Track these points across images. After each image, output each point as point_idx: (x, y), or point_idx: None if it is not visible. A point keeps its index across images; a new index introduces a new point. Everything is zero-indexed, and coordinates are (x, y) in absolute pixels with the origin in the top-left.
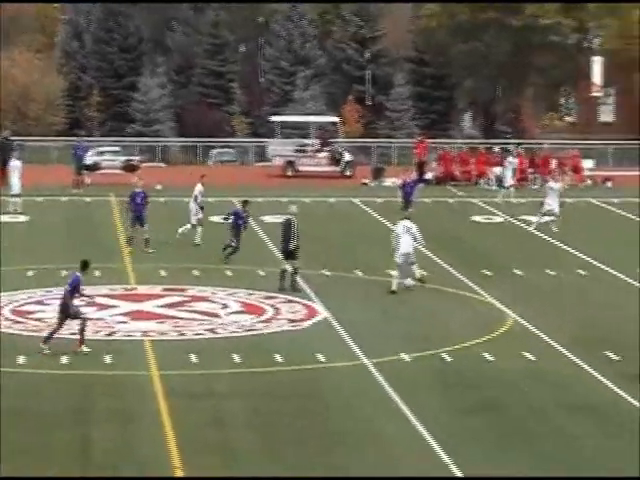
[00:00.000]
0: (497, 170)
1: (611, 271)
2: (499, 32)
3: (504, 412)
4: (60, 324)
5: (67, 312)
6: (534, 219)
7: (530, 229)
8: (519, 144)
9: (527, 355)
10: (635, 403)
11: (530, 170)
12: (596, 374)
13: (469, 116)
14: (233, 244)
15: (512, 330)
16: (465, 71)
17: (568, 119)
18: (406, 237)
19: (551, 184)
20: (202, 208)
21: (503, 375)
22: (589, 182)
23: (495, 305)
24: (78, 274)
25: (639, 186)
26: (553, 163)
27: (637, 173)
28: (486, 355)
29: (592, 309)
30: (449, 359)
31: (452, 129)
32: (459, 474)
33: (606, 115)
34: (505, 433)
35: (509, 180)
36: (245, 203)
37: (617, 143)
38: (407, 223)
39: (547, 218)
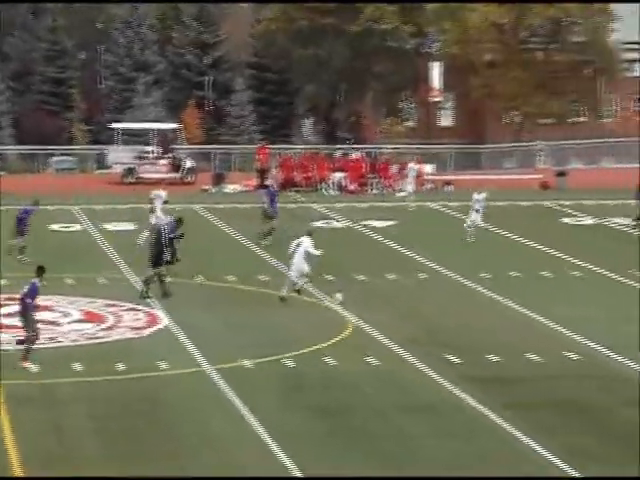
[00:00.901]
0: (338, 175)
1: (451, 274)
2: (338, 37)
3: (346, 414)
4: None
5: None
6: (377, 224)
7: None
8: (359, 149)
9: (369, 358)
10: (474, 404)
11: (370, 175)
12: (436, 376)
13: (310, 122)
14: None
15: (354, 334)
16: (305, 77)
17: (408, 124)
18: (299, 254)
19: (475, 195)
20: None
21: (345, 378)
22: (430, 186)
23: (337, 310)
24: (36, 282)
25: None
26: (394, 168)
27: (478, 177)
28: (328, 359)
29: (433, 312)
30: (291, 364)
31: (293, 135)
32: (299, 474)
33: (445, 119)
34: (346, 434)
35: (409, 186)
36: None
37: (457, 147)
38: (303, 239)
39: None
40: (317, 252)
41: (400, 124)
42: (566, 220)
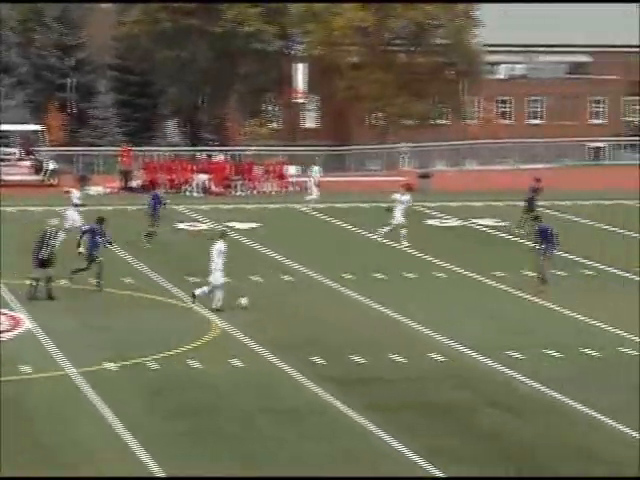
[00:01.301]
0: (202, 177)
1: (316, 276)
2: (202, 39)
3: (209, 416)
4: None
5: None
6: (241, 225)
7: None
8: (223, 151)
9: (233, 360)
10: (337, 405)
11: (235, 177)
12: (300, 377)
13: (174, 124)
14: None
15: (219, 336)
16: (169, 78)
17: (272, 125)
18: (219, 259)
19: (397, 196)
20: None
21: (209, 380)
22: (294, 188)
23: (201, 312)
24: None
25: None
26: (258, 170)
27: (342, 179)
28: (192, 362)
29: (297, 314)
30: (155, 366)
31: (157, 137)
32: (162, 474)
33: (310, 121)
34: (209, 436)
35: (315, 190)
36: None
37: (322, 149)
38: (219, 245)
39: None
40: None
41: (264, 126)
42: (430, 222)
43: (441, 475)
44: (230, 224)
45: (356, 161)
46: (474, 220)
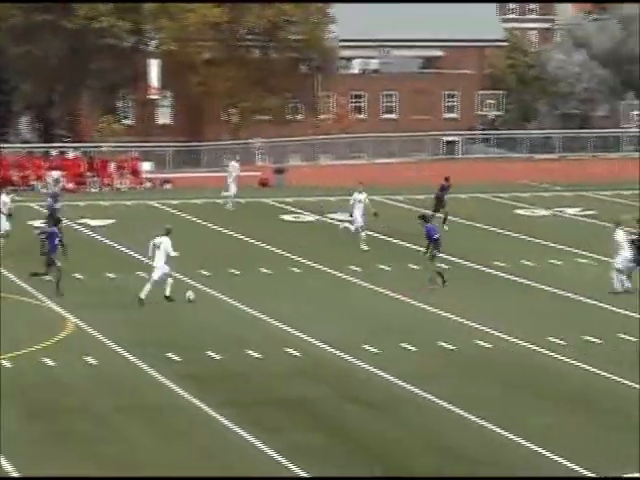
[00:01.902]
0: (55, 174)
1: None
2: (54, 35)
3: (63, 416)
4: None
5: None
6: (95, 222)
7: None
8: (77, 147)
9: (88, 359)
10: (195, 402)
11: (89, 174)
12: (157, 375)
13: (27, 120)
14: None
15: (73, 335)
16: (21, 75)
17: (126, 122)
18: (160, 252)
19: (356, 195)
20: None
21: (63, 379)
22: (148, 184)
23: (55, 309)
24: None
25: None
26: (112, 166)
27: (197, 175)
28: (46, 360)
29: (154, 311)
30: (9, 365)
31: (9, 133)
32: (17, 475)
33: (164, 117)
34: (64, 436)
35: (233, 186)
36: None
37: (175, 145)
38: (163, 240)
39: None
40: (174, 253)
41: (118, 122)
42: (285, 217)
43: (301, 473)
44: (83, 221)
45: (211, 157)
46: (329, 215)
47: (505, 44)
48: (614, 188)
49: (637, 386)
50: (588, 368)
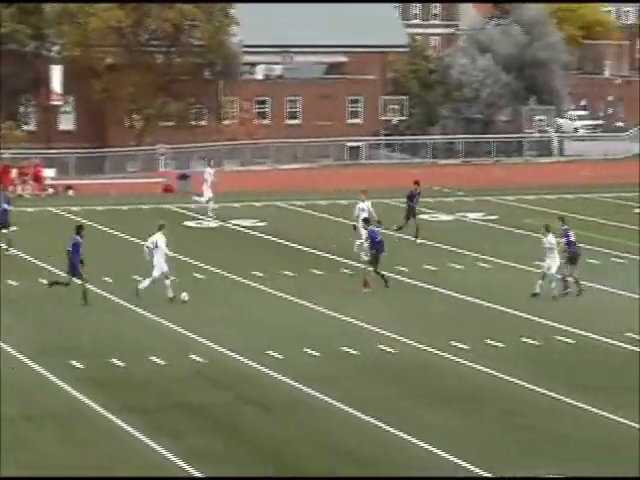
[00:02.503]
0: None
1: (73, 279)
2: None
3: None
4: None
5: None
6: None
7: None
8: None
9: None
10: (97, 409)
11: None
12: (59, 382)
13: None
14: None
15: None
16: None
17: (28, 128)
18: (158, 250)
19: (360, 205)
20: None
21: None
22: (51, 191)
23: None
24: None
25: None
26: (14, 173)
27: (101, 181)
28: None
29: (57, 318)
30: None
31: None
32: None
33: (66, 123)
34: None
35: (209, 192)
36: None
37: (78, 152)
38: (157, 237)
39: None
40: (166, 250)
41: (19, 128)
42: (189, 223)
43: (201, 476)
44: None
45: (114, 163)
46: (232, 221)
47: (408, 49)
48: (517, 193)
49: (535, 388)
50: (487, 370)
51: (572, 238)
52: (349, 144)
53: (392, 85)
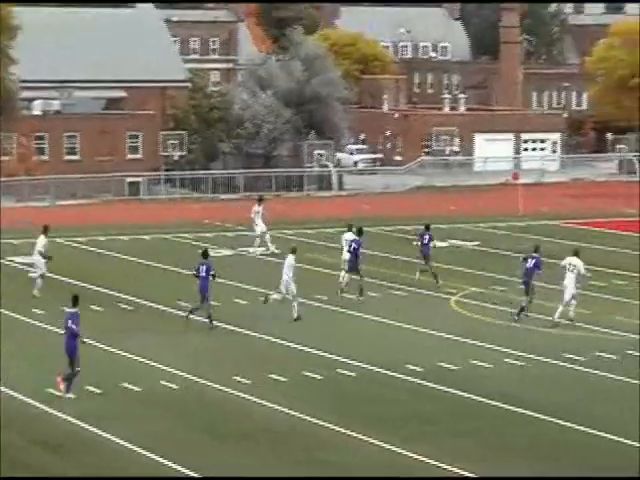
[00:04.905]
0: None
1: None
2: None
3: None
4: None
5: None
6: None
7: None
8: None
9: None
10: None
11: None
12: None
13: None
14: None
15: None
16: None
17: None
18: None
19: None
20: None
21: None
22: None
23: None
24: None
25: None
26: None
27: None
28: None
29: None
30: None
31: None
32: None
33: None
34: None
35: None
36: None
37: None
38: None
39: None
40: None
41: None
42: None
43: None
44: None
45: None
46: (9, 258)
47: (187, 84)
48: (297, 227)
49: (319, 421)
50: (271, 405)
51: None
52: (129, 179)
53: (172, 120)
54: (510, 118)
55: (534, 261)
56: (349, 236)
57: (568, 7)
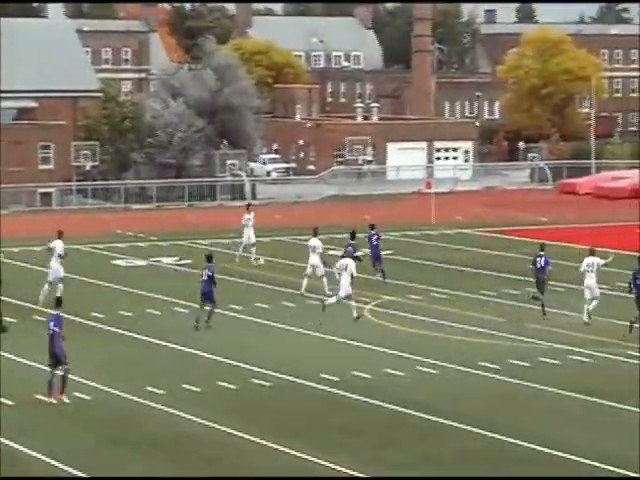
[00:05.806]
0: None
1: None
2: None
3: None
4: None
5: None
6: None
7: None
8: None
9: None
10: None
11: None
12: None
13: None
14: None
15: None
16: None
17: None
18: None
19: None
20: None
21: None
22: None
23: None
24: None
25: None
26: None
27: None
28: None
29: None
30: None
31: None
32: None
33: None
34: None
35: None
36: None
37: None
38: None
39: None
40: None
41: None
42: None
43: None
44: None
45: None
46: None
47: (99, 94)
48: (211, 237)
49: (233, 431)
50: (185, 415)
51: None
52: (40, 190)
53: (84, 131)
54: (423, 127)
55: (543, 259)
56: (313, 242)
57: (480, 17)
